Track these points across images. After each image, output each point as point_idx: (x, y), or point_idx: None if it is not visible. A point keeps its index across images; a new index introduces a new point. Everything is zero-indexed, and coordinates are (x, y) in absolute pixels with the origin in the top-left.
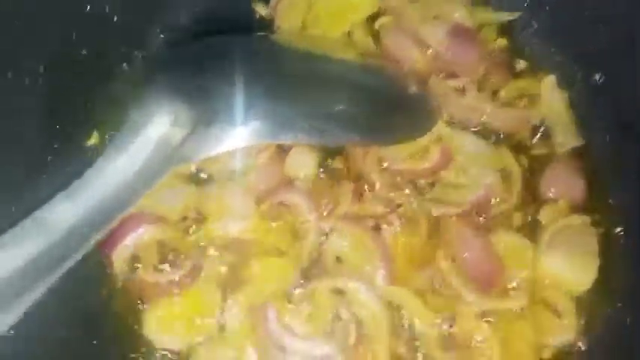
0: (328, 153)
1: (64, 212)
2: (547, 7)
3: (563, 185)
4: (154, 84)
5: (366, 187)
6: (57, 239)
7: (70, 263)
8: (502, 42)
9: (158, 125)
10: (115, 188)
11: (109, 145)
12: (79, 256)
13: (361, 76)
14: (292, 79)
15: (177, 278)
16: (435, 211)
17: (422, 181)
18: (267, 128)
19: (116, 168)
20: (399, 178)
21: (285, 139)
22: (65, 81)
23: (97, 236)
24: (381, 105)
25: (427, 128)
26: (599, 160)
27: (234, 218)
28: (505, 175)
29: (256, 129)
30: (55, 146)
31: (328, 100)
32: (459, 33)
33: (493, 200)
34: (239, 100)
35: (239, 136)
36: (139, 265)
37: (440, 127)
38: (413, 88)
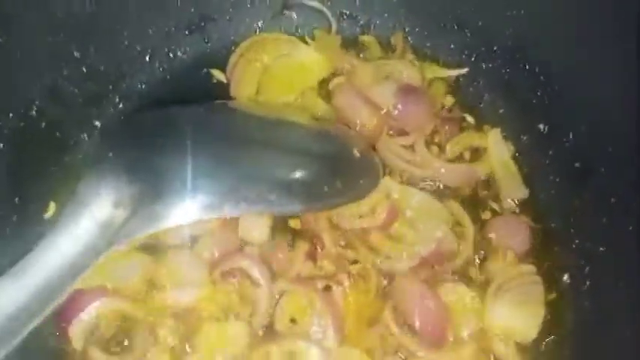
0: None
1: (10, 292)
2: (491, 64)
3: (509, 236)
4: (98, 164)
5: (318, 247)
6: (2, 319)
7: (17, 341)
8: (450, 100)
9: (101, 207)
10: (58, 268)
11: (53, 226)
12: (25, 333)
13: (308, 141)
14: (239, 146)
15: None
16: (386, 268)
17: (373, 239)
18: (211, 201)
19: (59, 249)
20: (349, 237)
21: (230, 212)
22: (25, 155)
23: (44, 313)
24: (326, 170)
25: (370, 189)
26: (546, 210)
27: (186, 286)
28: (457, 230)
29: (200, 203)
30: (14, 219)
31: (273, 165)
32: (408, 92)
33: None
34: (182, 175)
35: (183, 212)
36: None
37: (388, 185)
38: (358, 150)
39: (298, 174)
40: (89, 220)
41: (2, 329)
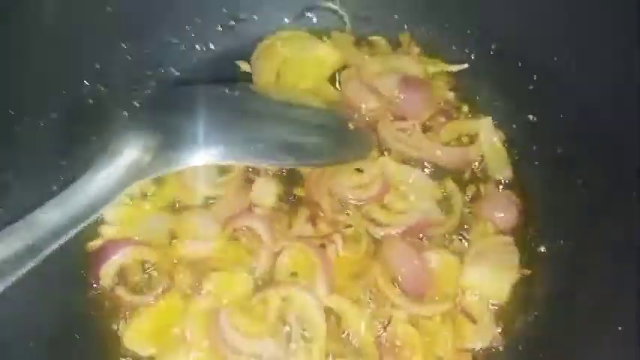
0: (290, 183)
1: (52, 215)
2: (488, 61)
3: (494, 210)
4: (131, 121)
5: (319, 212)
6: (41, 236)
7: (47, 253)
8: (450, 95)
9: (130, 151)
10: (93, 197)
11: (92, 165)
12: (56, 245)
13: (310, 116)
14: (249, 113)
15: (151, 299)
16: (376, 232)
17: (367, 207)
18: (219, 151)
19: (96, 182)
20: (346, 205)
21: (235, 161)
22: (73, 125)
23: (73, 232)
24: (322, 137)
25: (360, 156)
26: (529, 191)
27: (202, 240)
28: (446, 203)
29: (210, 152)
30: (61, 178)
31: (276, 130)
32: (409, 83)
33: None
34: (197, 131)
35: (196, 157)
36: (121, 282)
37: (385, 162)
38: (353, 125)
39: (295, 139)
40: (119, 162)
41: (43, 237)
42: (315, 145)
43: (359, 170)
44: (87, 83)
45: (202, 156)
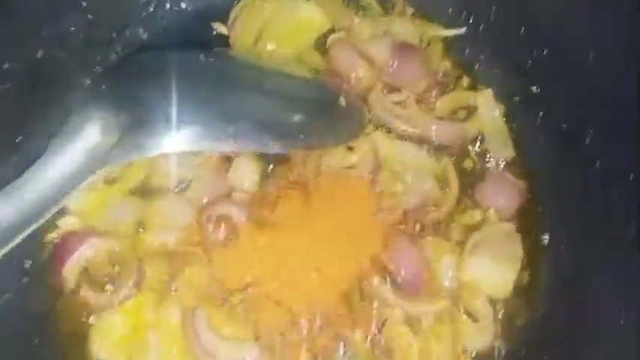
0: (273, 163)
1: (1, 209)
2: (488, 26)
3: (496, 194)
4: (90, 96)
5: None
6: None
7: (5, 249)
8: (446, 65)
9: (89, 134)
10: (48, 189)
11: (45, 151)
12: (9, 247)
13: (295, 88)
14: (226, 86)
15: (119, 299)
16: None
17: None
18: (192, 134)
19: (49, 173)
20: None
21: (210, 146)
22: (30, 96)
23: (29, 230)
24: (309, 115)
25: (352, 136)
26: (531, 171)
27: (174, 229)
28: (442, 184)
29: (182, 135)
30: (15, 160)
31: (257, 107)
32: (403, 49)
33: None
34: (167, 108)
35: (166, 142)
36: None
37: (378, 138)
38: (344, 99)
39: (281, 116)
40: (78, 145)
41: None
42: (302, 124)
43: (350, 148)
44: (44, 47)
45: (175, 139)
